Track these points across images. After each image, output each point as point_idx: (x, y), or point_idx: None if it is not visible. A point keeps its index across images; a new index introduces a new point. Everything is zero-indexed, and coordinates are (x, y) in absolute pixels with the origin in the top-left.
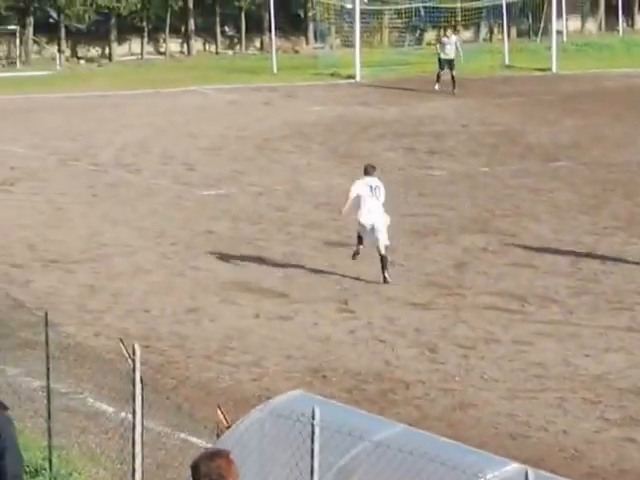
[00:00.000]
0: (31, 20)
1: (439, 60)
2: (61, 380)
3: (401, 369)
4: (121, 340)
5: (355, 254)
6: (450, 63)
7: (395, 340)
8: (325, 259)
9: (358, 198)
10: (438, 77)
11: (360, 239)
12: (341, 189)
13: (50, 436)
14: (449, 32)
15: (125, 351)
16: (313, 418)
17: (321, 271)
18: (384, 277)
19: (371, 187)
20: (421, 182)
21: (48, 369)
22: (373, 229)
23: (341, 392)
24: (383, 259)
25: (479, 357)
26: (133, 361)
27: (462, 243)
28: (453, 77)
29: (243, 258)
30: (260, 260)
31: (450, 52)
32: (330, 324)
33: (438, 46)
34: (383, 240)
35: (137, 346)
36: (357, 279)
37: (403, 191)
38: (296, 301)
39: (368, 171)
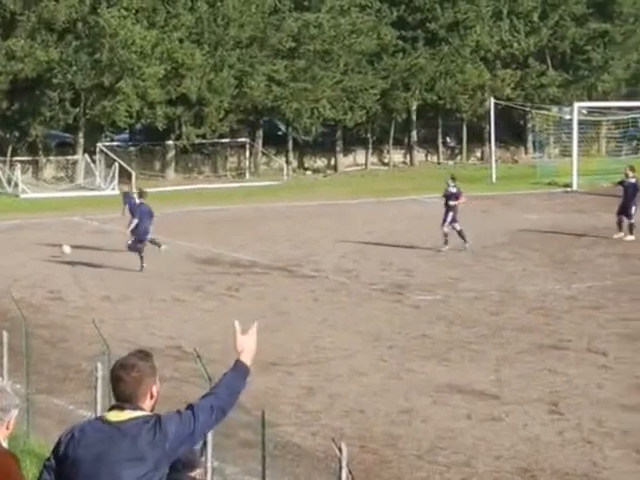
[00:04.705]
0: (260, 133)
1: None
2: (277, 478)
3: (608, 470)
4: (333, 440)
5: None
6: None
7: (603, 441)
8: (537, 362)
9: None
10: None
11: None
12: (556, 295)
13: None
14: None
15: (336, 450)
16: None
17: (532, 374)
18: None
19: None
20: (634, 287)
21: (264, 468)
22: None
23: None
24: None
25: None
26: (339, 460)
27: None
28: None
29: (457, 361)
30: (473, 363)
31: None
32: (540, 425)
33: None
34: None
35: (344, 445)
36: (567, 382)
37: (614, 296)
38: (507, 403)
39: None
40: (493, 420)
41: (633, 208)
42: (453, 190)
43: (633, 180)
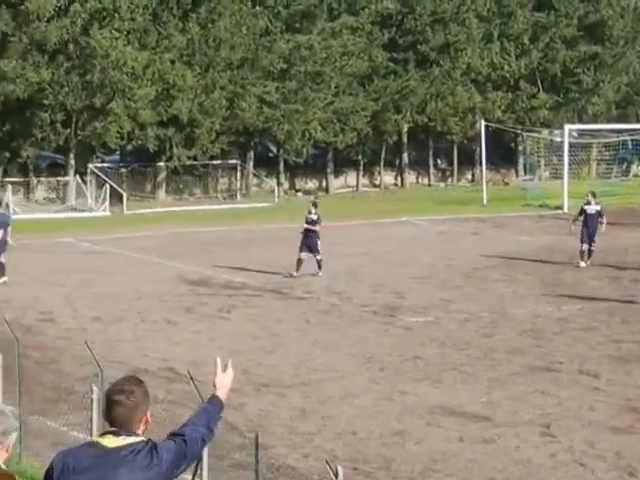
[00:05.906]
0: (252, 155)
1: None
2: None
3: None
4: (327, 462)
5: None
6: None
7: (595, 464)
8: (528, 384)
9: None
10: None
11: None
12: (546, 317)
13: None
14: None
15: (331, 473)
16: None
17: (524, 396)
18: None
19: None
20: (625, 310)
21: None
22: None
23: None
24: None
25: None
26: None
27: None
28: None
29: (449, 383)
30: (466, 385)
31: None
32: (532, 447)
33: None
34: None
35: (340, 468)
36: (559, 404)
37: (606, 318)
38: (499, 425)
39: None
40: (485, 442)
41: (596, 235)
42: (314, 217)
43: (598, 207)
